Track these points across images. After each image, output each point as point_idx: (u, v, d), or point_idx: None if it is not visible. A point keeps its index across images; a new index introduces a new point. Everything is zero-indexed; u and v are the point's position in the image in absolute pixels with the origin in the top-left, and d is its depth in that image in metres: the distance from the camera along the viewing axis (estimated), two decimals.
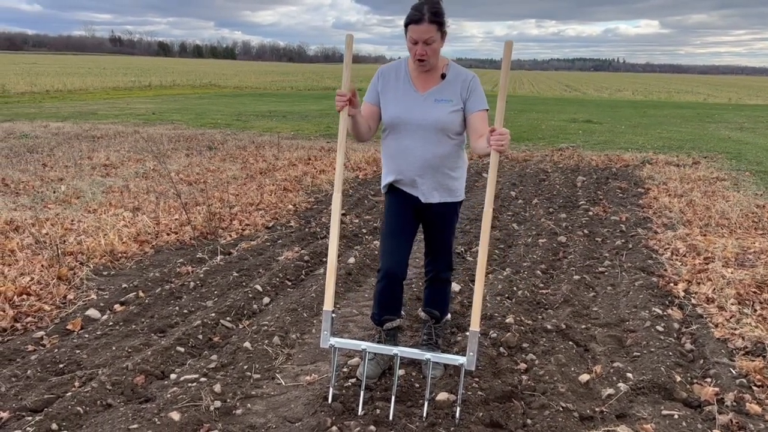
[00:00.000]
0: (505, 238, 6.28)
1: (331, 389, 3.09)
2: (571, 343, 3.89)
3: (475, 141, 3.07)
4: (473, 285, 4.86)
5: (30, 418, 2.85)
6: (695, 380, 3.47)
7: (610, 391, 3.31)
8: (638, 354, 3.80)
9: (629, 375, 3.47)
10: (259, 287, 4.58)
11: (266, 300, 4.45)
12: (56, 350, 3.55)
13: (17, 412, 2.91)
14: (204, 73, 53.14)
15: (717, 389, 3.32)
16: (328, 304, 3.00)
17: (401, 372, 3.42)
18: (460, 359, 2.96)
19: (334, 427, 2.87)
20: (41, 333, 3.79)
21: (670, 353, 3.72)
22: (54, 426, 2.79)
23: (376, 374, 3.34)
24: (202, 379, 3.27)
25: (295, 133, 14.20)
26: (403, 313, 3.64)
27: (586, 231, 6.47)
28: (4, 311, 3.91)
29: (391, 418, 2.93)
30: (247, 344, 3.69)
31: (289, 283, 4.81)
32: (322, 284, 4.72)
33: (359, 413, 2.98)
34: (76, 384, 3.19)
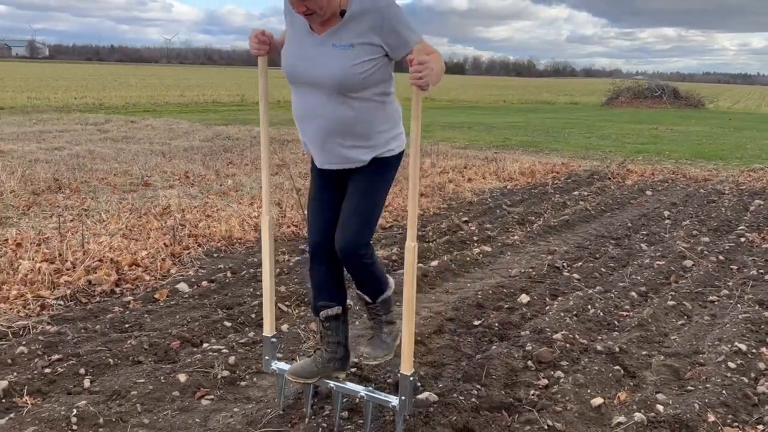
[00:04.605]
0: (623, 257, 5.85)
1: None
2: (617, 367, 3.59)
3: None
4: (548, 299, 4.68)
5: (72, 361, 3.39)
6: (736, 424, 3.04)
7: (621, 419, 3.04)
8: (692, 389, 3.40)
9: (659, 407, 3.14)
10: None
11: None
12: (129, 313, 4.12)
13: (69, 356, 3.47)
14: None
15: None
16: (268, 330, 2.91)
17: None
18: (393, 400, 2.71)
19: (310, 410, 3.01)
20: (130, 298, 4.41)
21: (726, 392, 3.28)
22: (81, 370, 3.29)
23: (311, 374, 2.87)
24: (225, 351, 3.59)
25: (468, 143, 14.31)
26: (348, 300, 3.00)
27: (722, 257, 5.78)
28: (108, 276, 4.61)
29: None
30: (285, 326, 3.97)
31: None
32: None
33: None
34: (128, 342, 3.69)
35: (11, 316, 3.99)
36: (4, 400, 3.02)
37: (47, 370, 3.27)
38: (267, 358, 3.04)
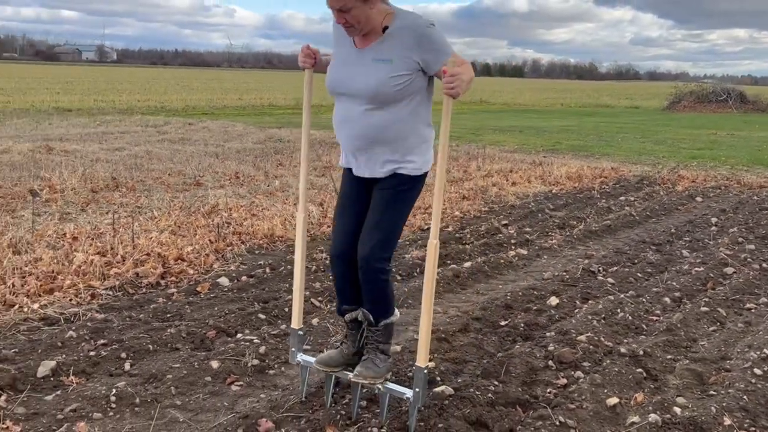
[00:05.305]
0: (662, 262, 5.80)
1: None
2: (639, 370, 3.62)
3: None
4: (578, 302, 4.71)
5: (115, 346, 3.63)
6: (753, 428, 3.05)
7: (635, 419, 3.08)
8: (714, 393, 3.41)
9: (677, 410, 3.17)
10: None
11: None
12: (171, 304, 4.37)
13: (113, 342, 3.72)
14: (475, 91, 54.72)
15: None
16: (296, 322, 3.10)
17: None
18: (407, 393, 2.85)
19: (330, 398, 3.16)
20: (174, 290, 4.66)
21: (748, 398, 3.28)
22: (123, 355, 3.53)
23: (337, 364, 3.05)
24: (257, 341, 3.78)
25: (517, 147, 14.27)
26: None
27: (765, 265, 5.67)
28: (155, 269, 4.88)
29: None
30: (315, 320, 4.14)
31: (399, 277, 5.11)
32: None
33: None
34: (168, 330, 3.92)
35: (64, 303, 4.29)
36: (52, 379, 3.28)
37: (92, 353, 3.52)
38: (293, 349, 3.19)
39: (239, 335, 3.92)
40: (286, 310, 4.32)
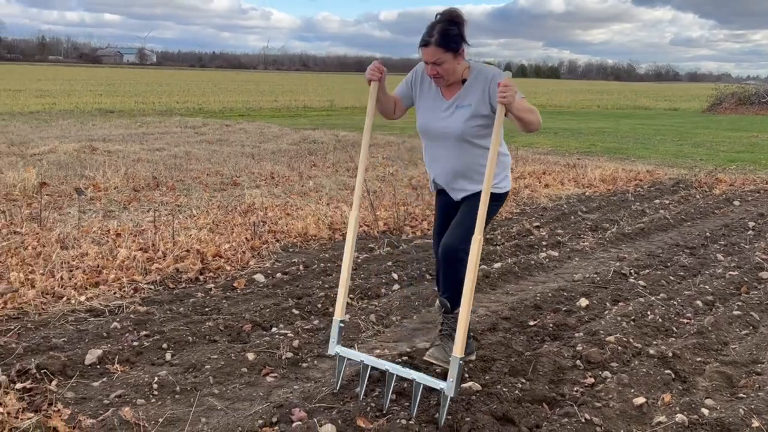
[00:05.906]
0: (695, 266, 5.78)
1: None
2: (668, 371, 3.64)
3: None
4: (608, 304, 4.74)
5: (157, 337, 3.80)
6: None
7: (662, 419, 3.12)
8: (743, 396, 3.43)
9: (704, 411, 3.20)
10: (395, 276, 5.09)
11: (396, 287, 4.94)
12: (209, 298, 4.53)
13: (155, 333, 3.89)
14: None
15: None
16: (339, 313, 3.22)
17: None
18: (441, 384, 2.95)
19: (363, 391, 3.26)
20: (212, 285, 4.82)
21: None
22: (164, 345, 3.69)
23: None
24: (290, 335, 3.91)
25: (551, 149, 14.23)
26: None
27: None
28: (194, 265, 5.05)
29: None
30: (347, 317, 4.24)
31: (429, 277, 5.20)
32: None
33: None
34: (207, 323, 4.08)
35: (109, 296, 4.49)
36: (98, 366, 3.45)
37: (135, 344, 3.69)
38: (333, 340, 3.28)
39: (274, 329, 4.05)
40: (319, 306, 4.45)
